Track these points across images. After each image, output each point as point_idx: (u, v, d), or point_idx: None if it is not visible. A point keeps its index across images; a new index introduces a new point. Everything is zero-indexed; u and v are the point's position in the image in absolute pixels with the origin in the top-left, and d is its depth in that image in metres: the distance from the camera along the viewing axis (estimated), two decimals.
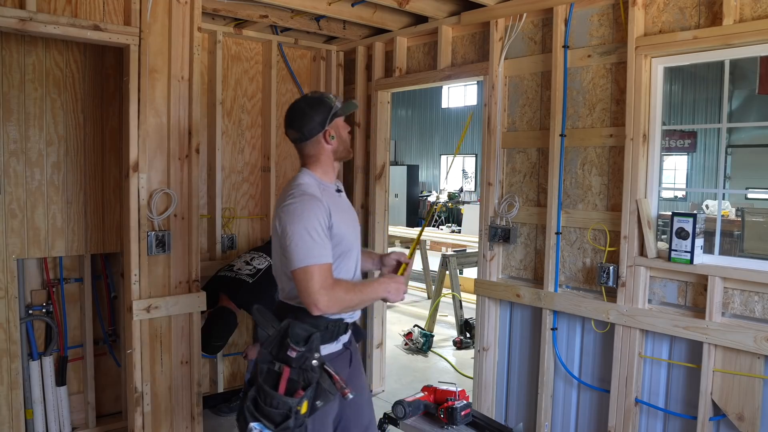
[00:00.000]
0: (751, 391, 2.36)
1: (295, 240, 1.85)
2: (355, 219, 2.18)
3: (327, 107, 2.04)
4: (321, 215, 1.90)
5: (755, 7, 2.30)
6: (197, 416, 3.04)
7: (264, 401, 1.86)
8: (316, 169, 2.06)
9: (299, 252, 1.84)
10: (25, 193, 3.10)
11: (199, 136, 3.03)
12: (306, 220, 1.87)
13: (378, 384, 4.23)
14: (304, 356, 1.87)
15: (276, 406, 1.83)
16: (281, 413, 1.83)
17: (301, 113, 2.03)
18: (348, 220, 2.08)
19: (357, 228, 2.16)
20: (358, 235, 2.15)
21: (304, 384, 1.86)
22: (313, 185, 1.99)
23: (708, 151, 11.68)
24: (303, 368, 1.86)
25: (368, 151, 4.15)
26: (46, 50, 3.10)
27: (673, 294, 2.63)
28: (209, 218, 3.77)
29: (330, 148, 2.06)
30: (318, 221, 1.88)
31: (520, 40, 3.14)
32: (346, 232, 2.02)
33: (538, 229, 3.10)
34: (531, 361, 3.17)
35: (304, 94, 2.15)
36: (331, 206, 1.96)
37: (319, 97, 2.06)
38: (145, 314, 2.82)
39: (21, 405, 3.09)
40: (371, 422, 2.23)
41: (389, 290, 2.05)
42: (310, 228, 1.86)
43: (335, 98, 2.08)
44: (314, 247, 1.85)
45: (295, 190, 1.96)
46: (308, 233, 1.85)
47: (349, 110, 2.12)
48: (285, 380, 1.85)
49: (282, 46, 4.01)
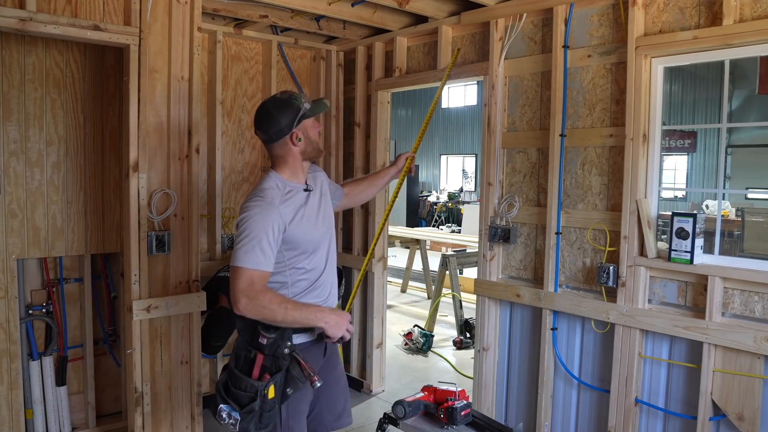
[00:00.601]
0: (751, 391, 2.36)
1: (241, 240, 1.93)
2: (325, 214, 2.22)
3: (294, 109, 2.05)
4: (273, 225, 1.95)
5: (755, 7, 2.30)
6: (197, 416, 3.04)
7: (234, 384, 1.96)
8: (284, 171, 2.11)
9: (239, 252, 1.92)
10: (25, 193, 3.10)
11: (199, 136, 3.03)
12: (255, 226, 1.93)
13: (378, 384, 4.23)
14: (276, 343, 1.96)
15: (244, 389, 1.93)
16: (248, 396, 1.92)
17: (268, 115, 2.06)
18: (312, 220, 2.12)
19: (328, 222, 2.21)
20: (328, 229, 2.21)
21: (274, 370, 1.95)
22: (275, 190, 2.04)
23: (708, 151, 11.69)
24: (275, 355, 1.95)
25: (368, 151, 4.15)
26: (46, 50, 3.10)
27: (673, 294, 2.63)
28: (209, 218, 3.77)
29: (297, 149, 2.10)
30: (265, 232, 1.94)
31: (520, 40, 3.14)
32: (307, 234, 2.07)
33: (538, 229, 3.10)
34: (531, 361, 3.17)
35: (272, 95, 2.16)
36: (290, 212, 2.02)
37: (287, 99, 2.07)
38: (145, 314, 2.82)
39: (21, 405, 3.09)
40: (345, 410, 2.32)
41: (327, 321, 2.00)
42: (256, 235, 1.92)
43: (304, 98, 2.10)
44: (252, 252, 1.91)
45: (257, 194, 2.03)
46: (252, 239, 1.92)
47: (318, 111, 2.12)
48: (258, 366, 1.95)
49: (282, 46, 4.01)
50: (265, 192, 2.02)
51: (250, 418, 1.92)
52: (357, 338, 4.28)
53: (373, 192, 2.74)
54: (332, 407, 2.26)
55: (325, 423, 2.23)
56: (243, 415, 1.91)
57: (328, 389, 2.22)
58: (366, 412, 3.91)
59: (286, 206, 2.03)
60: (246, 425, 1.92)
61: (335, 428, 2.30)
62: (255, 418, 1.93)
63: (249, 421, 1.92)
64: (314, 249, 2.10)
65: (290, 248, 2.03)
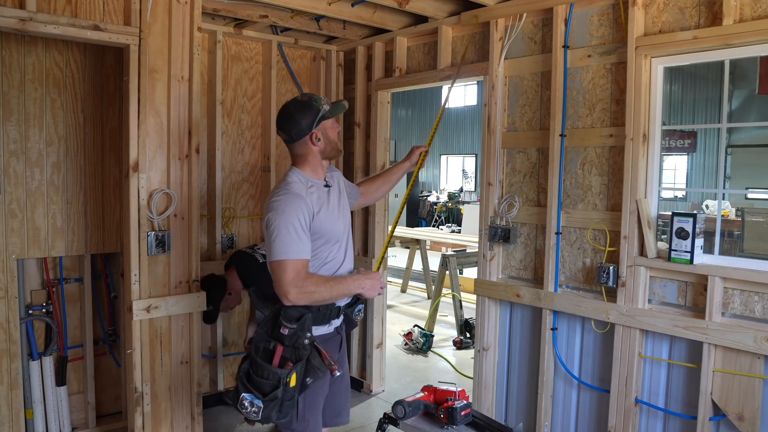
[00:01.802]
0: (751, 391, 2.36)
1: (276, 234, 1.99)
2: (344, 210, 2.31)
3: (314, 111, 2.13)
4: (303, 214, 2.02)
5: (755, 7, 2.30)
6: (197, 416, 3.04)
7: (256, 373, 2.00)
8: (305, 168, 2.19)
9: (278, 246, 1.98)
10: (25, 193, 3.10)
11: (199, 136, 3.03)
12: (288, 217, 1.99)
13: (378, 384, 4.23)
14: (296, 334, 2.01)
15: (266, 377, 1.98)
16: (271, 384, 1.97)
17: (289, 117, 2.15)
18: (334, 214, 2.21)
19: (346, 218, 2.30)
20: (346, 225, 2.29)
21: (295, 360, 2.00)
22: (299, 184, 2.12)
23: (708, 151, 11.69)
24: (295, 346, 2.00)
25: (368, 151, 4.15)
26: (46, 50, 3.10)
27: (673, 294, 2.63)
28: (209, 218, 3.77)
29: (317, 149, 2.18)
30: (298, 219, 2.01)
31: (520, 40, 3.14)
32: (330, 225, 2.15)
33: (538, 229, 3.10)
34: (531, 361, 3.17)
35: (294, 97, 2.25)
36: (316, 203, 2.10)
37: (307, 101, 2.15)
38: (145, 314, 2.82)
39: (21, 405, 3.09)
40: (345, 409, 2.38)
41: (363, 286, 2.14)
42: (290, 225, 1.99)
43: (323, 100, 2.17)
44: (291, 243, 1.98)
45: (282, 188, 2.10)
46: (288, 230, 1.98)
47: (336, 112, 2.20)
48: (278, 357, 2.00)
49: (282, 46, 4.01)
50: (291, 185, 2.10)
51: (273, 406, 1.96)
52: (357, 338, 4.28)
53: (388, 188, 2.83)
54: (334, 404, 2.30)
55: (324, 418, 2.26)
56: (266, 403, 1.96)
57: (333, 385, 2.26)
58: (366, 412, 3.91)
59: (312, 197, 2.10)
60: (268, 413, 1.96)
61: (333, 425, 2.35)
62: (277, 406, 1.97)
63: (272, 409, 1.96)
64: (337, 240, 2.19)
65: (316, 237, 2.10)
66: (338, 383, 2.30)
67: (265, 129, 3.99)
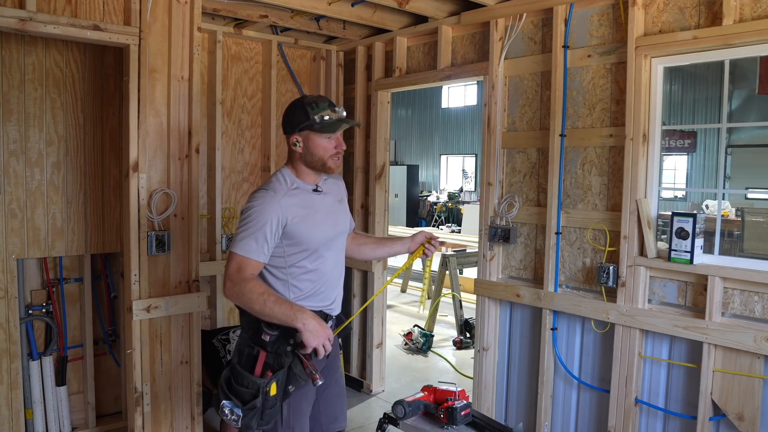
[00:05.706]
0: (751, 391, 2.36)
1: (241, 227, 1.98)
2: (338, 220, 2.19)
3: (304, 116, 2.02)
4: (273, 216, 1.97)
5: (755, 7, 2.30)
6: (197, 416, 3.04)
7: (236, 381, 1.97)
8: (291, 168, 2.13)
9: (236, 238, 1.98)
10: (25, 193, 3.10)
11: (199, 136, 3.03)
12: (256, 215, 1.97)
13: (378, 384, 4.23)
14: (278, 341, 1.97)
15: (246, 386, 1.95)
16: (250, 392, 1.94)
17: (287, 111, 2.11)
18: (320, 219, 2.09)
19: (338, 230, 2.18)
20: (337, 236, 2.17)
21: (277, 367, 1.96)
22: (281, 183, 2.06)
23: (708, 151, 11.68)
24: (278, 353, 1.96)
25: (368, 151, 4.15)
26: (46, 50, 3.10)
27: (673, 294, 2.63)
28: (209, 218, 3.77)
29: (296, 152, 2.08)
30: (264, 221, 1.96)
31: (520, 40, 3.14)
32: (308, 231, 2.04)
33: (538, 229, 3.10)
34: (531, 361, 3.17)
35: (304, 94, 2.18)
36: (295, 206, 2.02)
37: (308, 102, 2.05)
38: (145, 314, 2.82)
39: (21, 405, 3.09)
40: (341, 414, 2.33)
41: (306, 324, 1.87)
42: (255, 223, 1.96)
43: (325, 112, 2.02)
44: (247, 240, 1.95)
45: (265, 184, 2.08)
46: (250, 227, 1.96)
47: (328, 130, 2.03)
48: (261, 363, 1.97)
49: (282, 46, 4.01)
50: (270, 184, 2.06)
51: (252, 415, 1.93)
52: (357, 338, 4.28)
53: (372, 256, 2.50)
54: (329, 409, 2.26)
55: (320, 424, 2.23)
56: (245, 411, 1.93)
57: (327, 391, 2.22)
58: (366, 412, 3.91)
59: (290, 199, 2.03)
60: (248, 422, 1.93)
61: (330, 431, 2.29)
62: (257, 414, 1.94)
63: (251, 418, 1.93)
64: (316, 249, 2.07)
65: (291, 243, 2.03)
66: (332, 389, 2.25)
67: (265, 129, 3.99)
